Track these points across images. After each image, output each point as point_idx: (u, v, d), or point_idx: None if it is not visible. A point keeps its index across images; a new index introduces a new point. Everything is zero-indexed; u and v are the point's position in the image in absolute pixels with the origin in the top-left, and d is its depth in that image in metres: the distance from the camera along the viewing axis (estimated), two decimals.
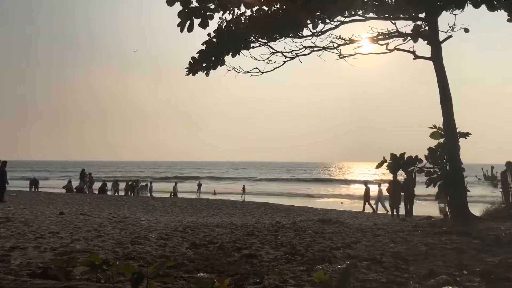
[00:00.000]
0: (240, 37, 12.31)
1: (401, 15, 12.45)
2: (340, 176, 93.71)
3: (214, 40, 12.27)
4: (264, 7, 11.93)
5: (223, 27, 12.15)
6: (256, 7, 11.83)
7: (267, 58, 13.13)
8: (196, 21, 11.02)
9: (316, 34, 12.74)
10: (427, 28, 12.26)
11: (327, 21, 12.53)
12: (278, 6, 11.98)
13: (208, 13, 11.07)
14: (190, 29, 11.00)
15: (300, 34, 12.83)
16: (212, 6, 11.14)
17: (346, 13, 12.27)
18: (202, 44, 12.35)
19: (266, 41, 12.89)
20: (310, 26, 12.58)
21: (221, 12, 11.71)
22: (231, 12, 11.97)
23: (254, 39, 12.79)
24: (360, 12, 12.32)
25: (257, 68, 13.37)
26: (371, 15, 12.38)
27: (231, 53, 12.45)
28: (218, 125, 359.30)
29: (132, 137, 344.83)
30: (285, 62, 13.34)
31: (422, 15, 12.32)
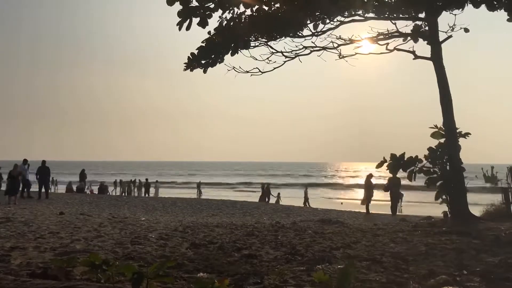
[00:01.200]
0: (240, 36, 12.30)
1: (401, 15, 12.44)
2: (340, 176, 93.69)
3: (214, 37, 12.27)
4: (264, 7, 11.92)
5: (223, 25, 12.14)
6: (256, 7, 11.83)
7: (267, 58, 13.12)
8: (195, 21, 11.03)
9: (316, 34, 12.73)
10: (427, 28, 12.25)
11: (327, 21, 12.52)
12: (278, 5, 11.98)
13: (207, 13, 11.07)
14: (188, 28, 11.01)
15: (300, 34, 12.82)
16: (212, 6, 11.13)
17: (346, 13, 12.26)
18: (203, 42, 12.36)
19: (266, 40, 12.88)
20: (310, 26, 12.58)
21: (221, 12, 11.71)
22: (231, 12, 11.97)
23: (254, 39, 12.78)
24: (360, 12, 12.31)
25: (257, 68, 13.36)
26: (371, 15, 12.37)
27: (230, 51, 12.45)
28: (218, 125, 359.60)
29: (133, 137, 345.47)
30: (285, 62, 13.32)
31: (422, 15, 12.32)
